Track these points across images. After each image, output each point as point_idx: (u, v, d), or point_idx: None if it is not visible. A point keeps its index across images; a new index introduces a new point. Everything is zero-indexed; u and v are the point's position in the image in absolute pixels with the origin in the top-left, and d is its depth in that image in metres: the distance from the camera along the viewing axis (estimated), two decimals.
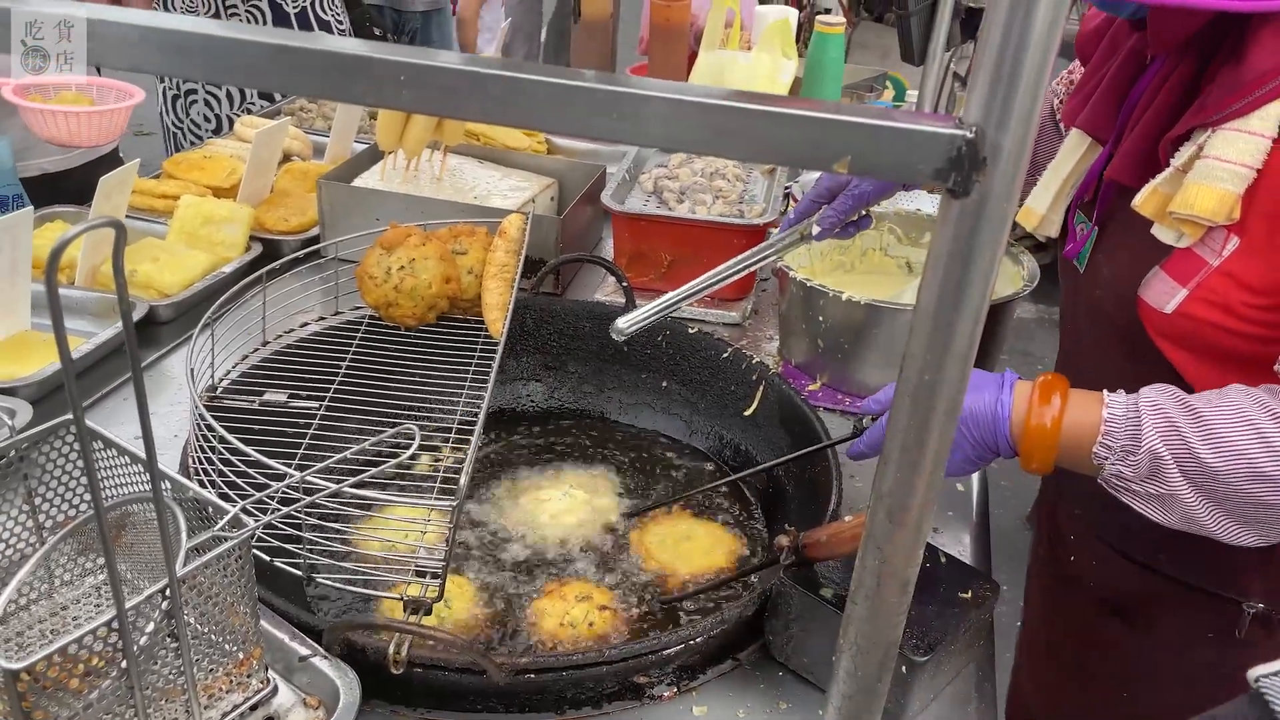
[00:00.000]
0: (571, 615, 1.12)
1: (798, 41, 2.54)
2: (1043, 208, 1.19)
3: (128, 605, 0.74)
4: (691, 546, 1.28)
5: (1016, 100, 0.52)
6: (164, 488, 0.89)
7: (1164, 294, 1.00)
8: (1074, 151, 1.15)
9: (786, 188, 1.85)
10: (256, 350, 1.35)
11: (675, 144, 0.57)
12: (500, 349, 1.29)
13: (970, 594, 1.00)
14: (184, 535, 0.83)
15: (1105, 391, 0.98)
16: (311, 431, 1.19)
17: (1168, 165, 0.99)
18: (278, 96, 2.65)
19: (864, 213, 1.31)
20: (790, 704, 1.00)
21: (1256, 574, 1.12)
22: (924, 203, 1.72)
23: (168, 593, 0.77)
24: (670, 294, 1.27)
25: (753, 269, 1.30)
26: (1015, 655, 1.49)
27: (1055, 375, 1.02)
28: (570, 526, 1.30)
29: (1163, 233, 0.99)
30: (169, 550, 0.75)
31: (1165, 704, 1.21)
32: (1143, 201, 0.99)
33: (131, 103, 1.77)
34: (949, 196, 0.55)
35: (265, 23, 2.63)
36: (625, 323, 1.28)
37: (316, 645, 0.93)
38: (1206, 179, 0.94)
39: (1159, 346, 1.02)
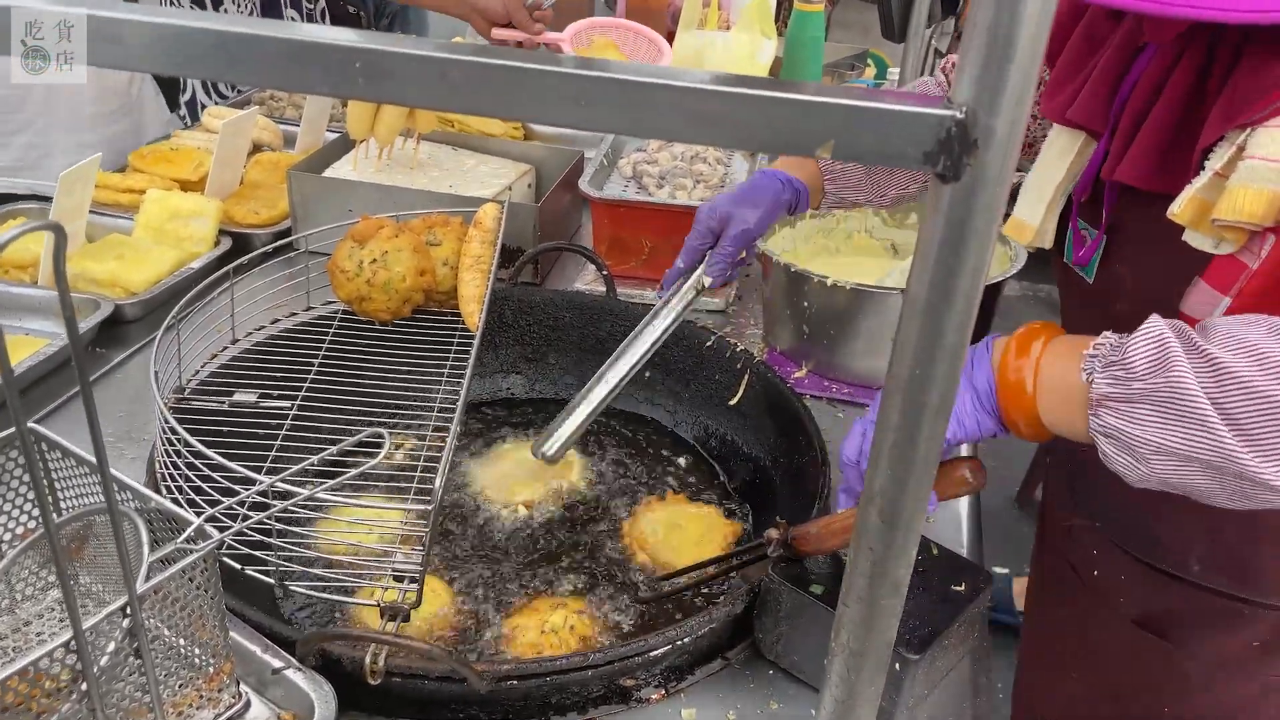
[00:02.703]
0: (551, 622, 1.08)
1: (777, 20, 2.50)
2: (1036, 219, 1.09)
3: (86, 625, 0.71)
4: (684, 535, 1.24)
5: (1010, 77, 0.49)
6: (126, 498, 0.86)
7: (1206, 305, 0.92)
8: (1066, 152, 1.07)
9: None
10: (225, 349, 1.31)
11: (646, 131, 0.54)
12: (477, 342, 1.25)
13: (964, 586, 0.97)
14: (145, 548, 0.80)
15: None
16: (284, 432, 1.16)
17: (1199, 170, 0.92)
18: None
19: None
20: (781, 703, 0.97)
21: None
22: None
23: (129, 610, 0.74)
24: (587, 401, 1.23)
25: (664, 339, 1.27)
26: (1021, 670, 1.42)
27: (1042, 323, 0.91)
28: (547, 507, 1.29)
29: (1199, 239, 0.92)
30: (126, 565, 0.71)
31: (1208, 717, 1.17)
32: (1180, 210, 0.92)
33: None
34: (939, 181, 0.52)
35: (252, 1, 2.57)
36: (550, 447, 1.23)
37: (290, 657, 0.89)
38: (1253, 181, 0.87)
39: None
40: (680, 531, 1.25)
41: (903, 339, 0.57)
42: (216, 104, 2.46)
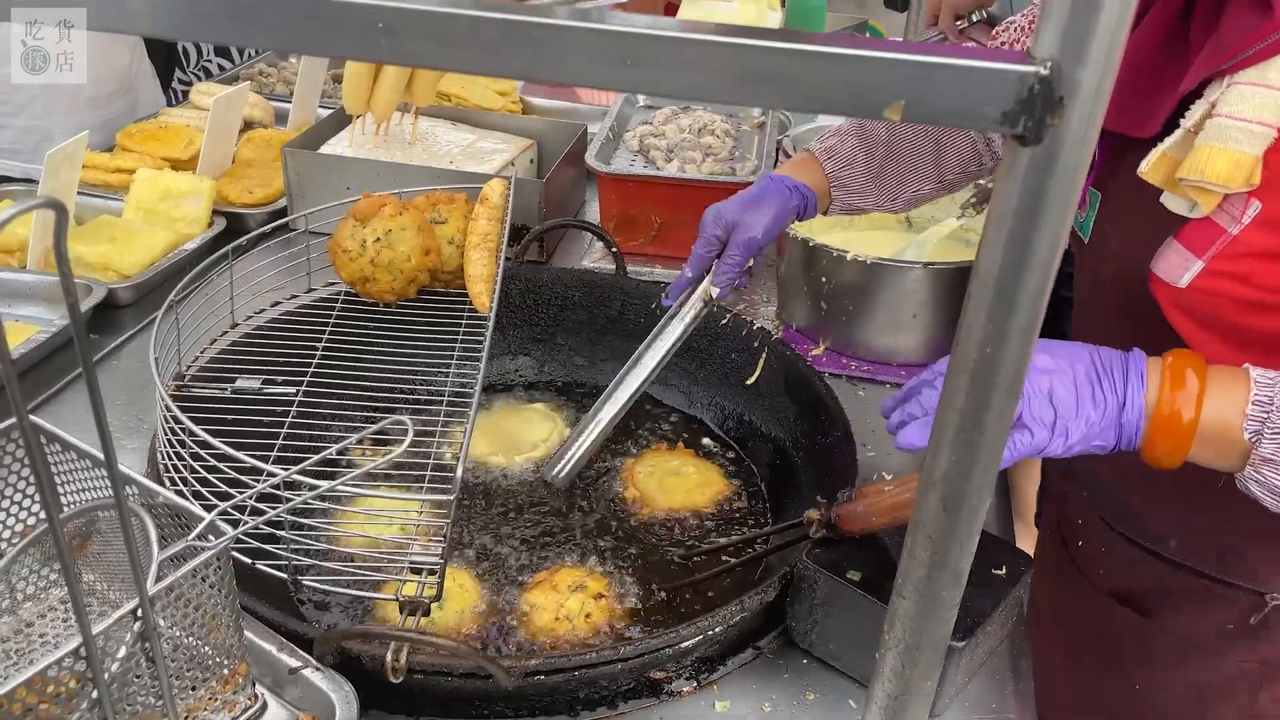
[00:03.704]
0: (567, 608, 1.05)
1: None
2: None
3: (96, 630, 0.67)
4: (678, 482, 1.27)
5: (1099, 26, 0.45)
6: (131, 492, 0.82)
7: (1178, 266, 0.89)
8: None
9: (779, 140, 1.76)
10: (225, 333, 1.26)
11: (698, 93, 0.50)
12: (491, 324, 1.20)
13: (1005, 570, 0.94)
14: (155, 546, 0.75)
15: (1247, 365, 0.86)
16: (290, 419, 1.11)
17: (1176, 125, 0.88)
18: (236, 59, 2.53)
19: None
20: (817, 694, 0.94)
21: (1278, 565, 1.05)
22: None
23: (140, 612, 0.70)
24: (596, 422, 1.24)
25: (672, 355, 1.25)
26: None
27: (1186, 351, 0.87)
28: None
29: (1174, 202, 0.89)
30: (137, 566, 0.67)
31: (1178, 696, 1.15)
32: (1150, 168, 0.88)
33: None
34: (1017, 144, 0.48)
35: None
36: (560, 470, 1.23)
37: (307, 656, 0.85)
38: (1219, 140, 0.83)
39: (1175, 325, 0.92)
40: (676, 478, 1.27)
41: (971, 316, 0.54)
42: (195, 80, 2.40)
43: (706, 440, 1.37)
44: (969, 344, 0.54)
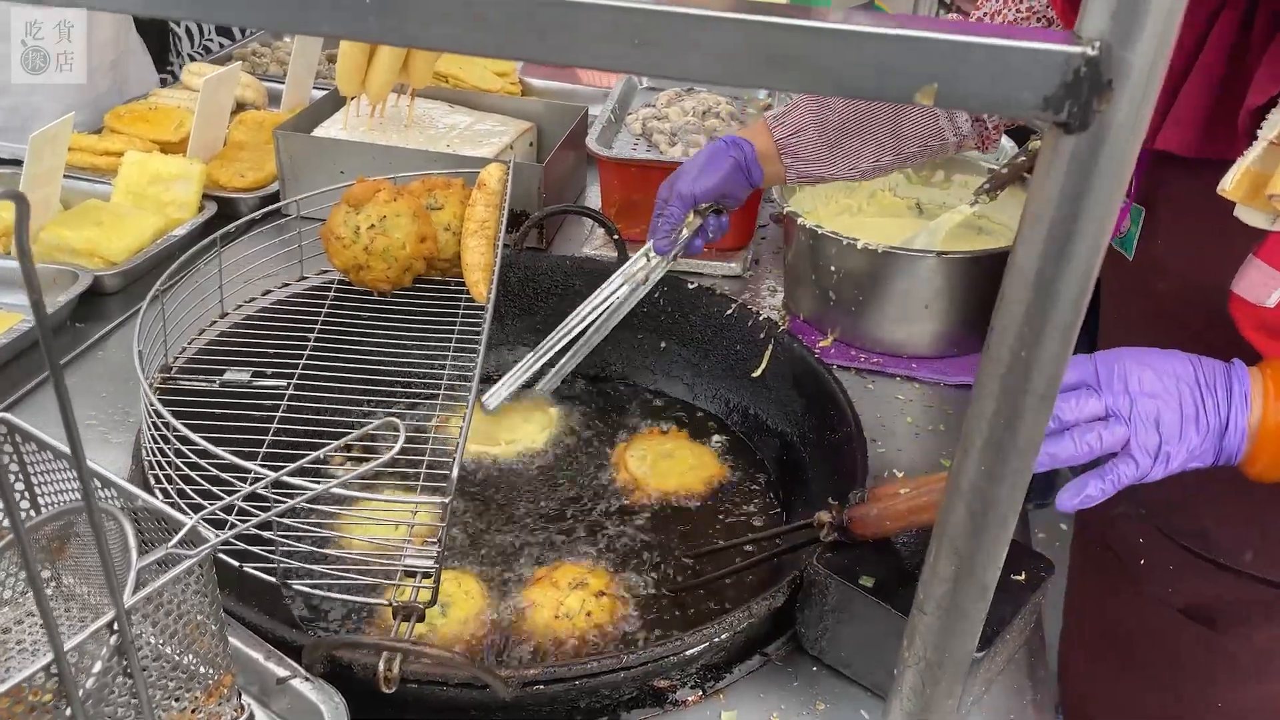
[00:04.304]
0: (567, 605, 1.02)
1: None
2: None
3: (68, 646, 0.63)
4: (672, 464, 1.25)
5: (1153, 3, 0.41)
6: (110, 495, 0.78)
7: (1261, 285, 0.85)
8: None
9: None
10: (214, 323, 1.22)
11: (713, 75, 0.46)
12: (489, 315, 1.16)
13: (1024, 575, 0.90)
14: (134, 553, 0.72)
15: None
16: (280, 414, 1.07)
17: (1251, 137, 0.83)
18: (239, 37, 2.47)
19: (711, 209, 1.28)
20: (828, 703, 0.90)
21: None
22: None
23: (115, 626, 0.66)
24: (535, 355, 1.30)
25: (615, 304, 1.31)
26: (1060, 652, 1.38)
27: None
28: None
29: (1252, 216, 0.84)
30: (111, 578, 0.63)
31: (1260, 710, 1.12)
32: (1233, 186, 0.84)
33: None
34: (1060, 131, 0.44)
35: None
36: (492, 398, 1.29)
37: (296, 665, 0.82)
38: None
39: (1253, 342, 0.88)
40: (670, 460, 1.25)
41: (1005, 316, 0.50)
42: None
43: (714, 436, 1.33)
44: (1001, 346, 0.51)
